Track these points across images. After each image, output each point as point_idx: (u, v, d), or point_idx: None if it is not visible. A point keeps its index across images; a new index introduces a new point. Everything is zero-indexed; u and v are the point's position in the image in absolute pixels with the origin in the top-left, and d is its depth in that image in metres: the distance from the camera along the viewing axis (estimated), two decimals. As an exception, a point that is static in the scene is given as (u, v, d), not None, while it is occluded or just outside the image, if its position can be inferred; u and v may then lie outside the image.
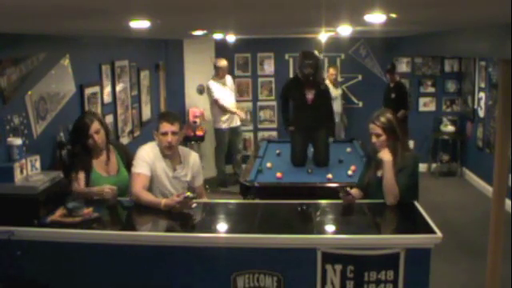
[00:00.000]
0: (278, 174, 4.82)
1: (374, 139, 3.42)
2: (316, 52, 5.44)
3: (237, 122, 7.56)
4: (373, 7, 2.44)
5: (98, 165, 3.68)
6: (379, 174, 3.46)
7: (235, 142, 7.62)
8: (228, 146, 7.56)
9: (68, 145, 4.02)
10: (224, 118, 7.35)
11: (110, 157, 3.74)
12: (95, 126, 3.66)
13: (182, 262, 2.96)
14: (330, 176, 4.74)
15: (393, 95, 7.62)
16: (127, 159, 3.83)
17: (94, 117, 3.79)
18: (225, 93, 7.35)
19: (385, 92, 7.84)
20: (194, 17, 3.02)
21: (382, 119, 3.38)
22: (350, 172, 4.85)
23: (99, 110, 4.96)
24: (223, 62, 7.34)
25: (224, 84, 7.38)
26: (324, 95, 5.37)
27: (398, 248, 2.86)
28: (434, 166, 8.42)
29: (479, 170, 7.63)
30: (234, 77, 7.87)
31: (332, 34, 6.17)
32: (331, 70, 8.10)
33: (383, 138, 3.38)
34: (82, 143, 3.66)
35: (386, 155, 3.34)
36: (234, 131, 7.53)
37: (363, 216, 3.33)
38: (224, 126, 7.39)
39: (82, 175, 3.58)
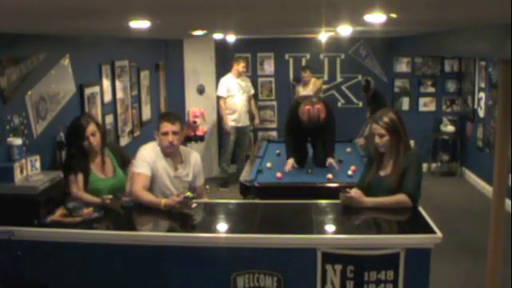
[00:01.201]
0: (278, 174, 4.82)
1: (377, 139, 3.43)
2: (320, 111, 4.76)
3: (244, 122, 7.60)
4: (373, 7, 2.44)
5: (94, 167, 3.66)
6: (381, 173, 3.46)
7: (241, 141, 7.66)
8: (234, 145, 7.61)
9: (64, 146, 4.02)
10: (232, 116, 7.41)
11: (105, 160, 3.72)
12: (91, 128, 3.62)
13: (182, 262, 2.96)
14: (330, 176, 4.73)
15: (369, 109, 7.53)
16: (122, 160, 3.81)
17: (91, 119, 3.76)
18: (235, 88, 7.45)
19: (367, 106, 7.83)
20: (194, 17, 3.02)
21: (386, 119, 3.38)
22: (350, 172, 4.84)
23: (99, 110, 4.96)
24: (241, 64, 7.54)
25: (242, 81, 7.59)
26: (326, 124, 4.92)
27: (398, 248, 2.86)
28: (433, 165, 8.41)
29: (479, 170, 7.63)
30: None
31: (332, 33, 6.17)
32: (303, 73, 7.91)
33: (386, 138, 3.39)
34: (77, 145, 3.62)
35: (366, 202, 3.34)
36: (241, 131, 7.58)
37: (363, 216, 3.32)
38: (230, 124, 7.44)
39: (80, 177, 3.56)
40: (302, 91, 7.79)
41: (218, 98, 7.49)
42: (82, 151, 3.63)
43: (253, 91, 7.94)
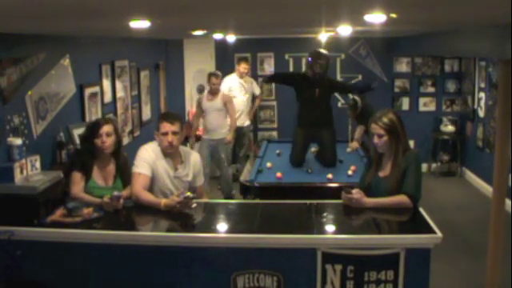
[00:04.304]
0: (278, 174, 4.82)
1: (375, 140, 3.42)
2: (326, 52, 5.42)
3: (244, 123, 7.59)
4: (373, 7, 2.44)
5: (96, 172, 3.60)
6: (380, 174, 3.47)
7: (240, 141, 7.65)
8: (233, 144, 7.60)
9: (70, 144, 4.02)
10: None
11: (112, 167, 3.66)
12: (108, 128, 3.53)
13: (182, 262, 2.96)
14: (330, 176, 4.74)
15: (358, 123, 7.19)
16: (123, 170, 3.76)
17: (110, 121, 3.69)
18: (237, 88, 7.48)
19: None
20: (194, 17, 3.02)
21: (385, 120, 3.38)
22: (350, 172, 4.85)
23: (99, 110, 4.97)
24: (242, 65, 7.53)
25: (245, 82, 7.59)
26: (330, 88, 5.38)
27: (397, 248, 2.86)
28: (433, 165, 8.42)
29: (479, 170, 7.63)
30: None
31: (332, 34, 6.17)
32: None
33: (385, 138, 3.38)
34: (89, 142, 3.54)
35: (366, 203, 3.34)
36: (239, 130, 7.57)
37: (363, 216, 3.32)
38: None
39: (81, 178, 3.53)
40: (207, 102, 6.70)
41: None
42: (91, 151, 3.56)
43: (257, 92, 7.93)
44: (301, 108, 5.36)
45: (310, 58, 5.25)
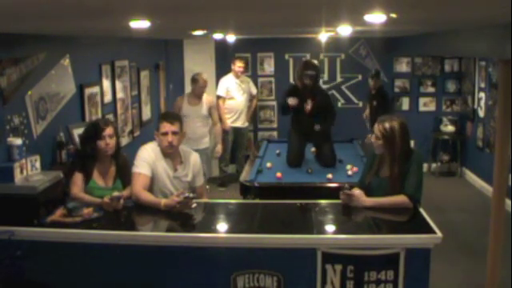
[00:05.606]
0: (278, 174, 4.82)
1: (373, 139, 3.45)
2: (316, 62, 5.42)
3: (242, 123, 7.57)
4: (373, 7, 2.44)
5: (97, 174, 3.60)
6: (381, 175, 3.47)
7: (239, 142, 7.64)
8: (232, 145, 7.59)
9: (71, 144, 4.01)
10: (229, 115, 7.39)
11: (112, 168, 3.67)
12: (110, 130, 3.55)
13: (182, 262, 2.97)
14: (330, 176, 4.73)
15: (374, 102, 7.44)
16: (123, 171, 3.74)
17: (111, 122, 3.72)
18: (235, 88, 7.44)
19: (368, 99, 7.72)
20: (194, 17, 3.02)
21: (386, 125, 3.37)
22: (349, 172, 4.85)
23: (99, 110, 4.97)
24: (237, 63, 7.48)
25: (242, 82, 7.55)
26: (323, 104, 5.17)
27: (397, 248, 2.87)
28: (433, 166, 8.42)
29: (479, 170, 7.63)
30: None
31: (332, 33, 6.17)
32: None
33: (380, 142, 3.40)
34: (91, 144, 3.54)
35: (366, 202, 3.34)
36: (238, 131, 7.55)
37: (363, 216, 3.33)
38: (228, 123, 7.43)
39: (82, 179, 3.53)
40: (189, 107, 6.21)
41: (218, 97, 7.46)
42: (93, 153, 3.56)
43: (254, 92, 7.91)
44: (292, 118, 5.31)
45: (298, 69, 5.19)
